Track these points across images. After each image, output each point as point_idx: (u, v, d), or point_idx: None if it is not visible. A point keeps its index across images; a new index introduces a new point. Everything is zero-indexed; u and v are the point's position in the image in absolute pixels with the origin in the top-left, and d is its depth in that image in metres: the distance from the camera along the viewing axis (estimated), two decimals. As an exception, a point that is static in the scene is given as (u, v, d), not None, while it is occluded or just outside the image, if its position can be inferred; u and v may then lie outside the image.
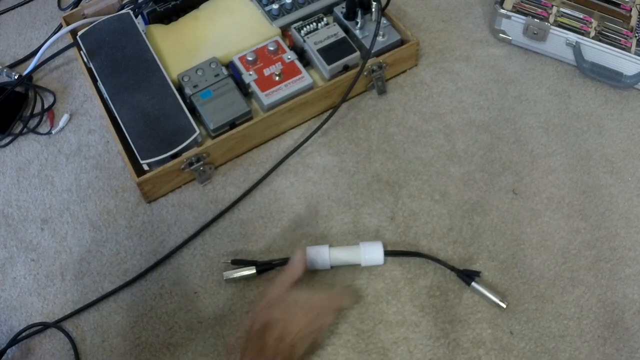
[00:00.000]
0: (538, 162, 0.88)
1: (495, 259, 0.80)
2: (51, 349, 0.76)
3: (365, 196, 0.86)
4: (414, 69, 0.99)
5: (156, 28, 0.99)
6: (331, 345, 0.74)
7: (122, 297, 0.79)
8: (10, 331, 0.77)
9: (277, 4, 0.98)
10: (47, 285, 0.81)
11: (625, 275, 0.78)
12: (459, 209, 0.84)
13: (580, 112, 0.94)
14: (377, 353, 0.73)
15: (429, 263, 0.79)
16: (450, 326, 0.75)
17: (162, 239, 0.84)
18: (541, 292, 0.77)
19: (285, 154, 0.90)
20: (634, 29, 0.97)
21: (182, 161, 0.85)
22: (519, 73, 0.99)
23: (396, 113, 0.94)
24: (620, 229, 0.82)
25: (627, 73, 0.94)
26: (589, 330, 0.74)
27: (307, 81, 0.91)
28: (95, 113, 0.98)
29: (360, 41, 0.96)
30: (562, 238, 0.81)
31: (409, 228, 0.82)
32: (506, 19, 0.99)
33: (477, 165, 0.88)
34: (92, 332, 0.77)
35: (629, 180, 0.86)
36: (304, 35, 0.95)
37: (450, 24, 1.06)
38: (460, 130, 0.92)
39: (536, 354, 0.72)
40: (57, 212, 0.87)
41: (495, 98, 0.96)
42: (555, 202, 0.84)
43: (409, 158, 0.89)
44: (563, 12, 0.98)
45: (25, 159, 0.94)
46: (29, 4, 1.17)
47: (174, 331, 0.76)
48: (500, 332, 0.74)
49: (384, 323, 0.75)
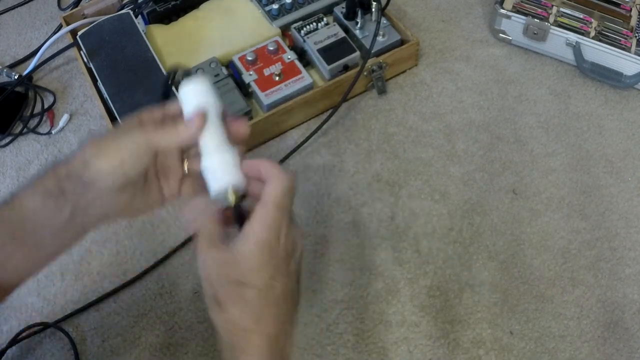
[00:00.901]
0: (538, 162, 0.88)
1: (495, 259, 0.80)
2: (51, 349, 0.76)
3: (365, 196, 0.86)
4: (414, 69, 0.99)
5: (156, 28, 0.99)
6: (331, 345, 0.74)
7: (122, 297, 0.79)
8: (10, 331, 0.77)
9: (277, 4, 0.98)
10: (47, 285, 0.81)
11: (625, 275, 0.78)
12: (459, 209, 0.84)
13: (580, 112, 0.94)
14: (377, 353, 0.73)
15: (429, 263, 0.79)
16: (450, 326, 0.75)
17: (162, 239, 0.84)
18: (541, 292, 0.77)
19: (285, 154, 0.90)
20: (634, 29, 0.97)
21: (182, 161, 0.85)
22: (519, 73, 0.99)
23: (396, 113, 0.94)
24: (620, 229, 0.82)
25: (627, 73, 0.94)
26: (589, 330, 0.74)
27: (307, 81, 0.91)
28: (95, 113, 0.98)
29: (360, 41, 0.96)
30: (562, 238, 0.81)
31: (409, 228, 0.82)
32: (506, 19, 0.99)
33: (477, 165, 0.88)
34: (92, 332, 0.77)
35: (629, 180, 0.86)
36: (304, 35, 0.95)
37: (450, 24, 1.06)
38: (460, 130, 0.92)
39: (536, 354, 0.72)
40: (57, 212, 0.87)
41: (495, 98, 0.96)
42: (555, 202, 0.84)
43: (409, 158, 0.89)
44: (563, 12, 0.98)
45: (25, 159, 0.93)
46: (29, 4, 1.17)
47: (174, 331, 0.76)
48: (500, 332, 0.74)
49: (384, 323, 0.75)
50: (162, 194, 0.56)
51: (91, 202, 0.52)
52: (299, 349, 0.74)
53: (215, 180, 0.53)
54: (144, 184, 0.55)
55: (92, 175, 0.51)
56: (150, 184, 0.55)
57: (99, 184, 0.51)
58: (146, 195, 0.55)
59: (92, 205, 0.52)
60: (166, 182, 0.56)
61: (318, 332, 0.75)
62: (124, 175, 0.51)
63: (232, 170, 0.53)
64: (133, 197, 0.54)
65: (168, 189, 0.56)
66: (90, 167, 0.51)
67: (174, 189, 0.57)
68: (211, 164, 0.53)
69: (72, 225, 0.53)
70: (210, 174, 0.53)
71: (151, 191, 0.56)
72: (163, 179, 0.56)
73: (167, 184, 0.56)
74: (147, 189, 0.55)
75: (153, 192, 0.56)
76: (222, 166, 0.53)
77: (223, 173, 0.53)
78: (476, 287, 0.77)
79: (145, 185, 0.55)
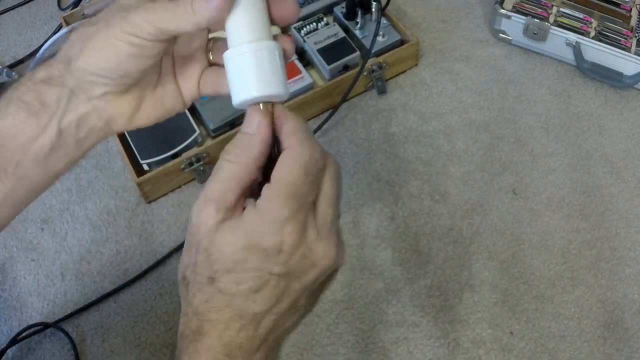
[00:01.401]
0: (538, 162, 0.88)
1: (495, 259, 0.80)
2: (51, 349, 0.76)
3: (365, 196, 0.86)
4: (414, 69, 0.99)
5: (156, 28, 0.99)
6: (331, 345, 0.74)
7: (122, 297, 0.79)
8: (10, 331, 0.77)
9: (277, 4, 0.98)
10: (47, 285, 0.81)
11: (625, 275, 0.78)
12: (459, 209, 0.84)
13: (580, 112, 0.94)
14: (377, 353, 0.73)
15: (429, 263, 0.79)
16: (450, 326, 0.75)
17: (162, 239, 0.84)
18: (541, 292, 0.77)
19: (285, 154, 0.90)
20: (634, 29, 0.97)
21: (182, 161, 0.85)
22: (519, 73, 0.99)
23: (396, 113, 0.94)
24: (620, 229, 0.82)
25: (627, 73, 0.94)
26: (589, 330, 0.74)
27: (307, 81, 0.91)
28: (95, 113, 0.98)
29: (360, 41, 0.96)
30: (562, 238, 0.81)
31: (409, 228, 0.82)
32: (506, 19, 0.99)
33: (477, 165, 0.88)
34: (92, 332, 0.77)
35: (629, 180, 0.86)
36: (304, 35, 0.95)
37: (450, 24, 1.06)
38: (460, 130, 0.92)
39: (536, 354, 0.72)
40: (57, 212, 0.87)
41: (495, 98, 0.96)
42: (555, 202, 0.84)
43: (409, 158, 0.89)
44: (563, 12, 0.98)
45: (25, 159, 0.93)
46: (29, 4, 1.17)
47: (174, 331, 0.76)
48: (500, 332, 0.74)
49: (384, 323, 0.75)
50: (180, 94, 0.44)
51: (84, 116, 0.41)
52: (299, 349, 0.74)
53: (241, 85, 0.38)
54: (157, 83, 0.43)
55: (80, 80, 0.39)
56: (165, 83, 0.43)
57: (91, 90, 0.40)
58: (159, 98, 0.43)
59: (84, 120, 0.41)
60: (186, 78, 0.44)
61: (318, 332, 0.75)
62: (125, 74, 0.39)
63: (267, 73, 0.38)
64: (141, 101, 0.42)
65: (189, 88, 0.44)
66: (77, 69, 0.39)
67: (195, 88, 0.44)
68: (238, 60, 0.38)
69: (62, 147, 0.41)
70: (235, 75, 0.38)
71: (166, 92, 0.44)
72: (181, 75, 0.44)
73: (188, 81, 0.44)
74: (161, 88, 0.43)
75: (169, 93, 0.44)
76: (252, 65, 0.37)
77: (252, 75, 0.38)
78: (476, 287, 0.77)
79: (159, 83, 0.43)
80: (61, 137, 0.41)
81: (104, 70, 0.39)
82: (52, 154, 0.41)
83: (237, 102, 0.39)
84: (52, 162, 0.42)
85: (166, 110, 0.44)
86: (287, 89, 0.39)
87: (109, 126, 0.42)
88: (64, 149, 0.41)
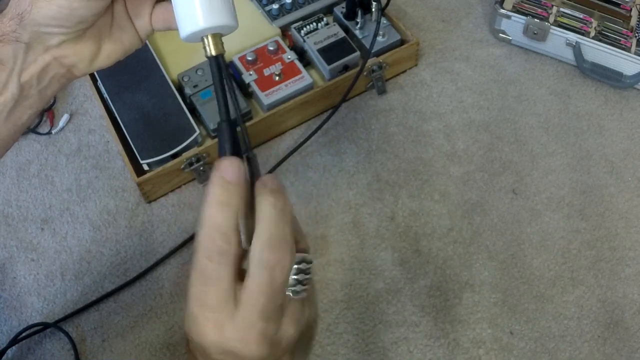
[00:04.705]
0: (538, 162, 0.88)
1: (495, 259, 0.80)
2: (51, 349, 0.76)
3: (365, 196, 0.86)
4: (414, 69, 1.00)
5: (156, 28, 0.99)
6: (331, 345, 0.74)
7: (122, 297, 0.79)
8: (10, 331, 0.77)
9: (277, 4, 0.98)
10: (47, 285, 0.81)
11: (625, 275, 0.78)
12: (459, 209, 0.84)
13: (580, 112, 0.94)
14: (377, 353, 0.73)
15: (429, 263, 0.79)
16: (450, 326, 0.75)
17: (162, 239, 0.84)
18: (541, 292, 0.77)
19: (285, 154, 0.90)
20: (634, 29, 0.97)
21: (182, 161, 0.85)
22: (519, 73, 0.99)
23: (396, 113, 0.94)
24: (620, 229, 0.82)
25: (627, 73, 0.94)
26: (589, 330, 0.74)
27: (307, 81, 0.91)
28: (95, 113, 0.98)
29: (360, 41, 0.96)
30: (562, 238, 0.81)
31: (409, 228, 0.82)
32: (506, 19, 0.99)
33: (477, 165, 0.88)
34: (92, 332, 0.77)
35: (629, 180, 0.86)
36: (304, 35, 0.95)
37: (450, 24, 1.06)
38: (460, 130, 0.92)
39: (536, 354, 0.72)
40: (57, 212, 0.87)
41: (495, 98, 0.96)
42: (555, 202, 0.84)
43: (409, 158, 0.89)
44: (563, 12, 0.98)
45: (25, 159, 0.93)
46: None
47: (173, 331, 0.76)
48: (500, 332, 0.74)
49: (384, 323, 0.75)
50: (136, 31, 0.44)
51: (45, 67, 0.41)
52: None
53: (188, 17, 0.36)
54: (112, 23, 0.43)
55: (34, 33, 0.39)
56: (119, 21, 0.43)
57: (47, 41, 0.39)
58: (117, 37, 0.43)
59: (45, 71, 0.41)
60: (138, 16, 0.44)
61: (318, 332, 0.75)
62: (80, 20, 0.39)
63: (214, 2, 0.36)
64: (100, 43, 0.42)
65: (142, 25, 0.44)
66: (30, 22, 0.39)
67: (148, 24, 0.44)
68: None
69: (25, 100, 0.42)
70: (181, 7, 0.36)
71: (122, 31, 0.43)
72: (133, 13, 0.44)
73: (140, 18, 0.44)
74: (117, 28, 0.43)
75: (125, 31, 0.44)
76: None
77: (198, 5, 0.36)
78: (476, 287, 0.77)
79: (114, 23, 0.43)
80: (23, 91, 0.41)
81: (58, 19, 0.38)
82: (15, 108, 0.42)
83: (185, 35, 0.37)
84: (16, 115, 0.42)
85: (125, 48, 0.44)
86: (237, 20, 0.37)
87: (71, 72, 0.43)
88: (28, 102, 0.42)
